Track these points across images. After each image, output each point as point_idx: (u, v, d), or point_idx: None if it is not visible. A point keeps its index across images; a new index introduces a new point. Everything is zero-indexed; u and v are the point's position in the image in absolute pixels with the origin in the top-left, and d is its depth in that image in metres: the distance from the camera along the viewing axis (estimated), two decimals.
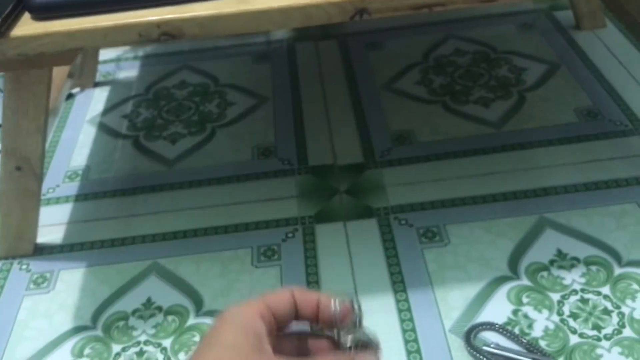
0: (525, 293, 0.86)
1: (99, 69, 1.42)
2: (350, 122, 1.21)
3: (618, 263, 0.88)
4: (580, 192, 1.00)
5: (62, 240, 1.01)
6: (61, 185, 1.13)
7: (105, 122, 1.28)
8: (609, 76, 1.27)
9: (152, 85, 1.37)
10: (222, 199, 1.06)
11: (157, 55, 1.47)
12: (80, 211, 1.07)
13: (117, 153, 1.19)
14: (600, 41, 1.37)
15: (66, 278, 0.95)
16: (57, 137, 1.25)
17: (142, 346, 0.85)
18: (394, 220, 0.98)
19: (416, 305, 0.86)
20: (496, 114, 1.19)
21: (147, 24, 0.67)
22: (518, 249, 0.92)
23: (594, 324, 0.81)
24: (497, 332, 0.82)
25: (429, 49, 1.40)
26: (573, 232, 0.93)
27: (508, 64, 1.33)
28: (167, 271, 0.95)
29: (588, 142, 1.11)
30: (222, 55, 1.45)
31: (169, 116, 1.27)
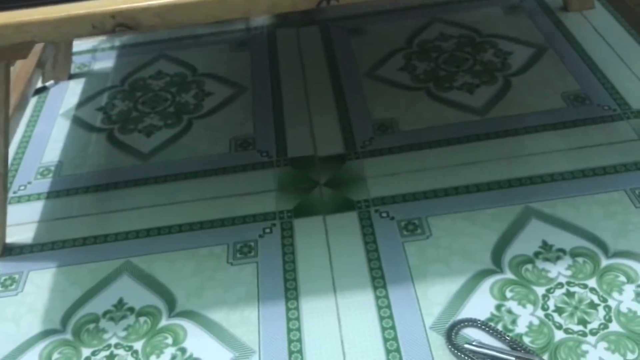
0: (509, 287, 0.83)
1: (74, 61, 1.38)
2: (332, 111, 1.18)
3: (605, 254, 0.85)
4: (567, 180, 0.97)
5: (33, 240, 0.98)
6: (33, 182, 1.09)
7: (80, 115, 1.24)
8: (597, 59, 1.23)
9: (128, 76, 1.33)
10: (197, 193, 1.03)
11: (133, 45, 1.43)
12: (52, 209, 1.03)
13: (91, 147, 1.16)
14: (588, 23, 1.33)
15: (36, 279, 0.92)
16: (30, 132, 1.21)
17: (113, 349, 0.82)
18: (375, 213, 0.95)
19: (396, 301, 0.83)
20: (481, 100, 1.16)
21: (101, 15, 0.63)
22: (502, 240, 0.89)
23: (580, 319, 0.78)
24: (480, 329, 0.79)
25: (413, 33, 1.36)
26: (559, 222, 0.90)
27: (493, 47, 1.29)
28: (140, 270, 0.91)
29: (575, 127, 1.08)
30: (200, 43, 1.41)
31: (145, 108, 1.23)
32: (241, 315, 0.84)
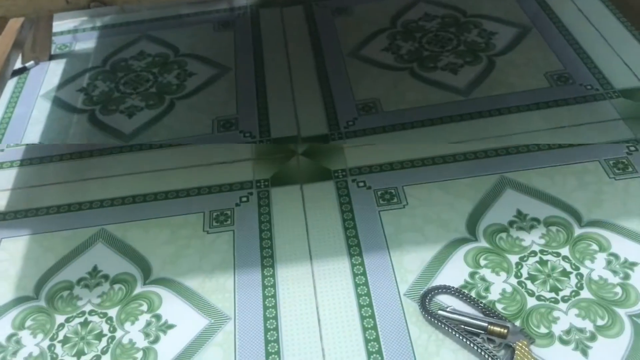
0: (483, 255, 0.83)
1: (55, 41, 1.37)
2: (315, 92, 1.17)
3: (578, 223, 0.85)
4: (542, 151, 0.97)
5: (5, 208, 0.97)
6: (6, 150, 1.08)
7: (61, 96, 1.23)
8: (581, 39, 1.23)
9: (110, 57, 1.32)
10: (174, 162, 1.02)
11: (115, 26, 1.42)
12: (25, 176, 1.03)
13: (72, 128, 1.15)
14: (572, 3, 1.33)
15: (9, 247, 0.92)
16: (9, 113, 1.20)
17: (87, 316, 0.82)
18: (352, 183, 0.95)
19: (371, 269, 0.83)
20: (465, 80, 1.16)
21: None
22: (477, 209, 0.88)
23: (552, 286, 0.78)
24: (453, 296, 0.79)
25: (398, 13, 1.36)
26: (534, 192, 0.90)
27: (478, 28, 1.29)
28: (115, 238, 0.91)
29: (558, 107, 1.08)
30: (183, 23, 1.40)
31: (126, 89, 1.23)
32: (217, 283, 0.84)
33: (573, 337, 0.72)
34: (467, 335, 0.74)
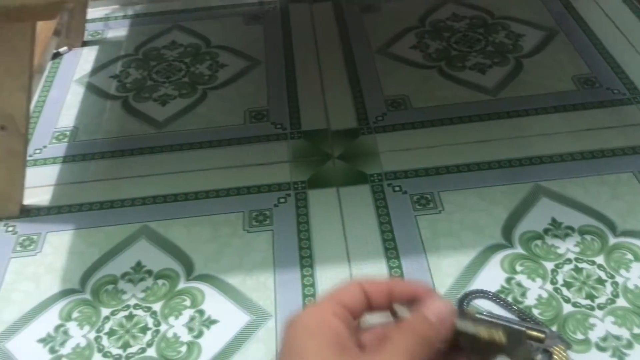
0: (519, 261, 0.85)
1: (87, 28, 1.38)
2: (345, 86, 1.19)
3: (613, 233, 0.87)
4: (576, 161, 0.99)
5: (50, 202, 1.00)
6: (48, 147, 1.10)
7: (94, 82, 1.25)
8: (608, 43, 1.25)
9: (142, 46, 1.34)
10: (212, 162, 1.04)
11: (147, 15, 1.43)
12: (68, 173, 1.05)
13: (105, 114, 1.17)
14: (599, 7, 1.35)
15: (53, 240, 0.94)
16: (44, 96, 1.22)
17: (132, 310, 0.84)
18: (388, 187, 0.97)
19: (409, 272, 0.85)
20: (492, 80, 1.17)
21: None
22: (512, 217, 0.91)
23: (588, 293, 0.80)
24: (490, 300, 0.81)
25: (426, 12, 1.37)
26: (568, 200, 0.92)
27: (505, 29, 1.30)
28: (157, 235, 0.93)
29: (585, 110, 1.10)
30: (214, 15, 1.42)
31: (159, 77, 1.24)
32: (257, 281, 0.86)
33: (610, 344, 0.75)
34: None
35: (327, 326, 0.37)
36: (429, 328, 0.38)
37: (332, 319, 0.37)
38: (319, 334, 0.37)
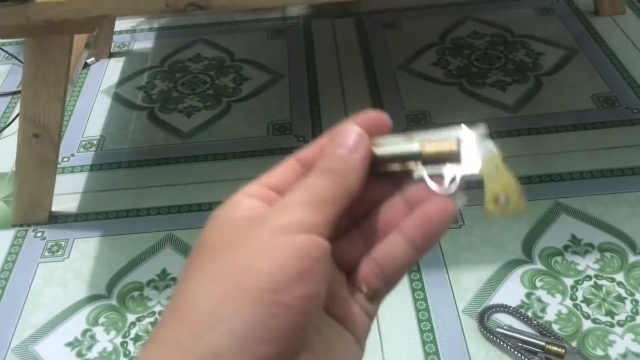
0: (539, 277, 0.86)
1: (114, 40, 1.41)
2: (366, 101, 1.21)
3: (632, 251, 0.88)
4: (595, 179, 1.00)
5: (77, 209, 1.02)
6: (76, 155, 1.13)
7: (120, 92, 1.28)
8: (627, 63, 1.26)
9: (168, 58, 1.36)
10: (237, 173, 1.06)
11: (172, 28, 1.46)
12: (95, 181, 1.07)
13: (132, 124, 1.19)
14: (618, 27, 1.36)
15: (81, 247, 0.96)
16: (72, 106, 1.25)
17: (157, 317, 0.86)
18: None
19: (430, 285, 0.87)
20: (512, 97, 1.19)
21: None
22: (532, 232, 0.92)
23: (608, 310, 0.81)
24: (511, 315, 0.82)
25: (446, 30, 1.39)
26: (588, 218, 0.94)
27: (525, 48, 1.32)
28: (183, 243, 0.95)
29: (604, 129, 1.11)
30: (237, 29, 1.44)
31: (184, 89, 1.27)
32: None
33: None
34: (525, 353, 0.77)
35: (235, 207, 0.32)
36: (336, 160, 0.32)
37: (242, 200, 0.32)
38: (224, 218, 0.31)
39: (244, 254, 0.29)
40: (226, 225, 0.31)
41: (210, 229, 0.31)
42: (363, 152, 0.32)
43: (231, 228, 0.30)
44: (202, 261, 0.30)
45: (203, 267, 0.29)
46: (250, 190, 0.33)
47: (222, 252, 0.29)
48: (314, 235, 0.29)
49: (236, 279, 0.28)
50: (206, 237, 0.31)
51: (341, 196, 0.31)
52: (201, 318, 0.27)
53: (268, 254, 0.28)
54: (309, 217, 0.30)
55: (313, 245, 0.29)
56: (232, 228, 0.30)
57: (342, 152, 0.32)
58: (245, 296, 0.27)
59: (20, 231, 0.99)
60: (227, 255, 0.29)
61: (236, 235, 0.30)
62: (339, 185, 0.31)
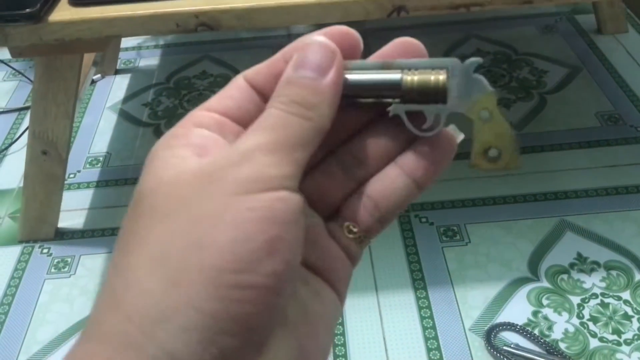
0: (545, 295, 0.86)
1: (120, 56, 1.42)
2: None
3: (638, 269, 0.88)
4: (600, 197, 1.00)
5: (83, 226, 1.02)
6: (82, 171, 1.13)
7: (126, 109, 1.28)
8: (630, 81, 1.27)
9: (173, 75, 1.37)
10: None
11: (177, 45, 1.47)
12: (101, 197, 1.07)
13: (137, 140, 1.20)
14: (621, 46, 1.37)
15: (87, 263, 0.96)
16: (78, 122, 1.25)
17: None
18: (415, 218, 0.99)
19: (436, 303, 0.87)
20: (517, 115, 1.19)
21: (185, 14, 0.67)
22: (538, 250, 0.92)
23: (614, 329, 0.81)
24: (517, 333, 0.82)
25: (450, 47, 1.40)
26: (593, 236, 0.94)
27: (529, 65, 1.33)
28: None
29: (609, 147, 1.11)
30: (243, 46, 1.45)
31: (190, 106, 1.28)
32: None
33: None
34: None
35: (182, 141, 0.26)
36: (304, 87, 0.25)
37: (190, 132, 0.26)
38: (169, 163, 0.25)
39: (196, 221, 0.23)
40: (172, 175, 0.24)
41: (152, 177, 0.25)
42: (335, 74, 0.26)
43: (178, 180, 0.24)
44: (144, 227, 0.24)
45: (145, 238, 0.23)
46: (198, 118, 0.27)
47: (168, 217, 0.23)
48: (282, 191, 0.23)
49: (188, 256, 0.22)
50: (146, 191, 0.25)
51: (312, 135, 0.25)
52: (149, 309, 0.22)
53: (227, 221, 0.22)
54: (275, 167, 0.24)
55: (283, 204, 0.23)
56: (180, 180, 0.24)
57: (309, 74, 0.26)
58: (201, 279, 0.22)
59: (27, 247, 0.99)
60: (175, 222, 0.23)
61: (185, 191, 0.24)
62: (309, 121, 0.25)
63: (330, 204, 0.29)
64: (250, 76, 0.28)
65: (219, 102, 0.27)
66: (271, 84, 0.27)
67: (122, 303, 0.22)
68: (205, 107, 0.27)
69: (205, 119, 0.27)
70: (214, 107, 0.27)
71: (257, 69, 0.28)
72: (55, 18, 0.68)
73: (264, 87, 0.27)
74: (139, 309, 0.22)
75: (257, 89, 0.28)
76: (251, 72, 0.28)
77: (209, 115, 0.27)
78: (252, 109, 0.27)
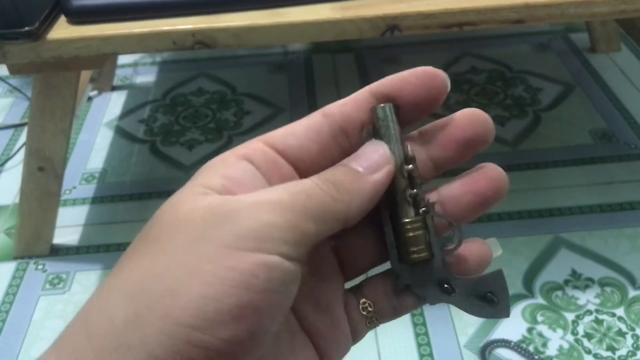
0: (540, 311, 0.86)
1: (117, 73, 1.43)
2: None
3: (632, 285, 0.89)
4: (595, 214, 1.01)
5: (78, 242, 1.02)
6: (78, 187, 1.13)
7: (122, 126, 1.29)
8: (623, 99, 1.28)
9: (170, 91, 1.38)
10: None
11: (174, 62, 1.48)
12: (96, 213, 1.08)
13: (134, 157, 1.20)
14: (614, 64, 1.38)
15: (82, 280, 0.96)
16: (74, 138, 1.26)
17: None
18: None
19: (431, 320, 0.87)
20: (512, 132, 1.20)
21: (182, 32, 0.68)
22: (533, 267, 0.92)
23: (609, 345, 0.81)
24: (512, 350, 0.82)
25: (445, 65, 1.41)
26: (588, 252, 0.94)
27: (523, 83, 1.34)
28: None
29: (602, 164, 1.12)
30: (239, 64, 1.46)
31: (186, 122, 1.28)
32: None
33: None
34: None
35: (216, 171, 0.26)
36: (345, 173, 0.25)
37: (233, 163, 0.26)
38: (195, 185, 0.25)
39: (182, 263, 0.22)
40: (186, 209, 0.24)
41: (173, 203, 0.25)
42: (382, 176, 0.26)
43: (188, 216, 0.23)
44: (140, 252, 0.24)
45: (135, 264, 0.23)
46: (251, 150, 0.26)
47: (163, 251, 0.23)
48: (276, 256, 0.22)
49: (158, 299, 0.22)
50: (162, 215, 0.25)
51: (332, 217, 0.24)
52: (108, 337, 0.22)
53: (204, 273, 0.22)
54: (278, 228, 0.22)
55: (267, 271, 0.22)
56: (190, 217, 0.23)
57: (359, 168, 0.26)
58: (161, 326, 0.21)
59: (22, 264, 0.99)
60: (165, 257, 0.23)
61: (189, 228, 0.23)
62: (335, 202, 0.24)
63: (357, 269, 0.29)
64: (330, 110, 0.28)
65: (282, 138, 0.27)
66: (351, 119, 0.27)
67: (89, 321, 0.23)
68: (265, 139, 0.27)
69: (258, 154, 0.26)
70: (274, 141, 0.27)
71: (340, 103, 0.28)
72: (54, 36, 0.68)
73: (344, 121, 0.27)
74: (99, 333, 0.22)
75: (333, 120, 0.27)
76: (334, 106, 0.28)
77: (264, 149, 0.27)
78: (315, 151, 0.27)
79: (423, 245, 0.28)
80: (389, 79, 0.28)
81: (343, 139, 0.27)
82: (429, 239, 0.28)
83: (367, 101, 0.28)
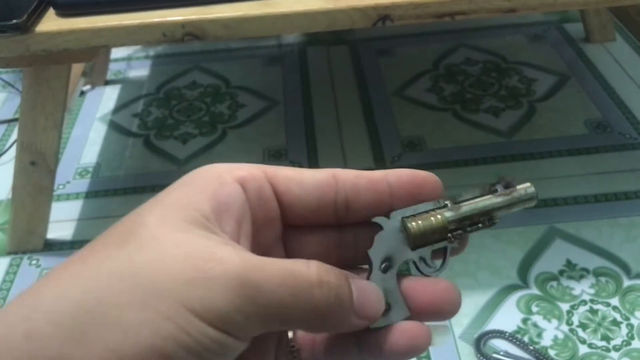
0: (534, 302, 0.86)
1: (110, 67, 1.42)
2: (361, 128, 1.22)
3: (627, 275, 0.89)
4: (590, 204, 1.01)
5: (72, 237, 1.02)
6: (71, 182, 1.13)
7: (116, 120, 1.28)
8: (618, 89, 1.27)
9: (163, 85, 1.37)
10: None
11: (168, 55, 1.48)
12: (90, 208, 1.07)
13: (127, 151, 1.20)
14: (609, 54, 1.38)
15: None
16: (68, 133, 1.25)
17: None
18: None
19: None
20: (506, 123, 1.20)
21: (172, 24, 0.67)
22: (528, 258, 0.92)
23: (603, 335, 0.81)
24: (507, 340, 0.82)
25: (440, 56, 1.41)
26: (582, 242, 0.94)
27: (518, 74, 1.33)
28: None
29: (597, 154, 1.12)
30: (233, 57, 1.46)
31: (180, 116, 1.28)
32: None
33: None
34: None
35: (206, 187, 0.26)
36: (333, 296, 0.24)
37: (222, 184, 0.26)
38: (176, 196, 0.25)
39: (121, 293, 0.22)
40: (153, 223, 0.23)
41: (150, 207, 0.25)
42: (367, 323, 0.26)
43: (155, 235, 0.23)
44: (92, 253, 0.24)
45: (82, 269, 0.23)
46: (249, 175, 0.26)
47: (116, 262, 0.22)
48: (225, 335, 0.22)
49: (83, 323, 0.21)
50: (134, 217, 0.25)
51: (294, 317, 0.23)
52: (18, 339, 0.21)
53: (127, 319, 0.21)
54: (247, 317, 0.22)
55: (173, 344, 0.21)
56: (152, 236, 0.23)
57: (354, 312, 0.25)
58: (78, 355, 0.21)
59: (15, 259, 0.98)
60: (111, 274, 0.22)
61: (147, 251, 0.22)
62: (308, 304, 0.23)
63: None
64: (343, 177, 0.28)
65: (286, 181, 0.27)
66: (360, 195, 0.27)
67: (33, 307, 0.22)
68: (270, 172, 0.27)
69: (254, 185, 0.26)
70: (277, 181, 0.27)
71: (355, 174, 0.28)
72: (43, 29, 0.68)
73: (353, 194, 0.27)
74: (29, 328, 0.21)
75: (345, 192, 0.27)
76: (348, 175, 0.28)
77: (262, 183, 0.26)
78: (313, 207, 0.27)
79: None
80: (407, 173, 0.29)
81: (343, 210, 0.27)
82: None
83: (383, 181, 0.28)
